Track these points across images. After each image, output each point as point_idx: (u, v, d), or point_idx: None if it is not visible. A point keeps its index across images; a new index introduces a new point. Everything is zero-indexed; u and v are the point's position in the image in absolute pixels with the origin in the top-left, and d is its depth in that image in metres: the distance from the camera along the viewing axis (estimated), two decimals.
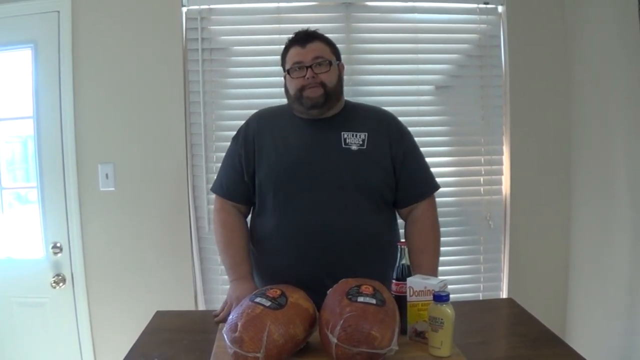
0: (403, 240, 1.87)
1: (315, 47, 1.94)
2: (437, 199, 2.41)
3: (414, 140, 2.08)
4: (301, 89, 1.91)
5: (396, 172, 1.98)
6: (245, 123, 2.09)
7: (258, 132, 2.01)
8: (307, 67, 1.90)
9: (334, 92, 1.95)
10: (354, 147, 1.93)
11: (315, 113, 1.95)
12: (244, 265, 1.98)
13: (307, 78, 1.90)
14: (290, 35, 2.01)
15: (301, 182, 1.91)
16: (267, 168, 1.96)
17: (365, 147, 1.94)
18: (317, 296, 1.58)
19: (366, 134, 1.95)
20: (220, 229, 2.06)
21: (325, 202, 1.89)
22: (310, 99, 1.91)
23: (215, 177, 2.48)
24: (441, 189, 2.13)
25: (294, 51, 1.95)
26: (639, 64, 2.23)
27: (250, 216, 2.09)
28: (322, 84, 1.90)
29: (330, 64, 1.94)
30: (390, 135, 2.00)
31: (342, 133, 1.95)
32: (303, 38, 1.96)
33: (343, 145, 1.93)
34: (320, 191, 1.89)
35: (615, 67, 2.46)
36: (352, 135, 1.94)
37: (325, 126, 1.97)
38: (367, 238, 1.90)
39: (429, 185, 2.07)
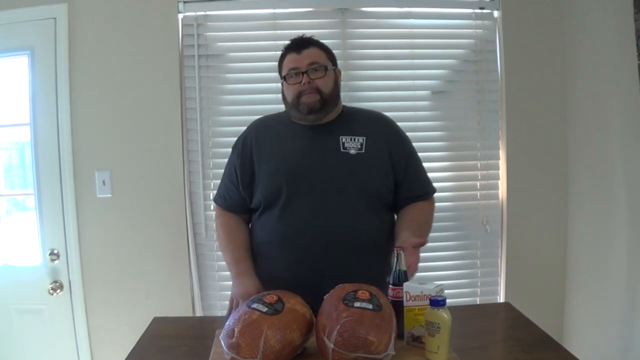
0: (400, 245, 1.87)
1: (310, 53, 1.94)
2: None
3: (412, 144, 2.09)
4: (298, 96, 1.92)
5: (398, 175, 1.99)
6: (244, 132, 2.10)
7: (256, 140, 2.02)
8: (302, 73, 1.91)
9: (330, 98, 1.95)
10: (352, 151, 1.93)
11: (312, 119, 1.95)
12: (244, 261, 1.98)
13: (303, 84, 1.90)
14: (287, 42, 2.01)
15: (300, 186, 1.91)
16: (266, 174, 1.96)
17: (363, 151, 1.94)
18: (316, 300, 1.58)
19: (364, 138, 1.95)
20: (220, 231, 2.09)
21: (324, 206, 1.88)
22: (307, 105, 1.91)
23: (212, 184, 2.47)
24: (438, 194, 2.12)
25: (289, 58, 1.96)
26: (634, 68, 2.24)
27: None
28: (318, 90, 1.91)
29: (326, 69, 1.94)
30: (388, 139, 2.00)
31: (341, 137, 1.95)
32: (298, 44, 1.97)
33: (342, 150, 1.93)
34: (319, 195, 1.89)
35: (611, 72, 2.47)
36: (351, 140, 1.95)
37: (323, 131, 1.97)
38: (366, 241, 1.89)
39: (430, 187, 2.09)
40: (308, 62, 1.92)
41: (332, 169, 1.92)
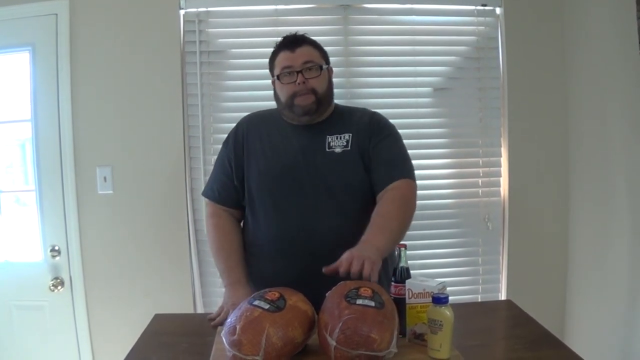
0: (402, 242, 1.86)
1: (304, 52, 1.91)
2: (436, 201, 2.37)
3: (395, 132, 1.99)
4: (292, 96, 1.89)
5: (372, 162, 1.90)
6: (234, 127, 2.08)
7: (247, 137, 2.00)
8: (297, 72, 1.88)
9: (325, 98, 1.93)
10: (338, 150, 1.91)
11: (307, 120, 1.93)
12: (237, 269, 1.94)
13: (298, 83, 1.87)
14: (279, 39, 1.98)
15: (288, 187, 1.89)
16: (255, 174, 1.94)
17: (349, 148, 1.91)
18: (311, 300, 1.57)
19: (350, 134, 1.93)
20: (212, 233, 2.04)
21: (312, 206, 1.87)
22: (302, 107, 1.89)
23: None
24: (439, 191, 2.11)
25: (283, 56, 1.92)
26: (637, 65, 2.23)
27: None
28: (313, 91, 1.88)
29: (321, 68, 1.91)
30: (368, 130, 1.94)
31: (327, 137, 1.93)
32: (292, 42, 1.93)
33: (327, 149, 1.91)
34: (307, 196, 1.87)
35: (613, 69, 2.46)
36: (337, 138, 1.92)
37: (311, 131, 1.94)
38: (355, 240, 1.80)
39: (396, 170, 1.91)
40: (302, 60, 1.89)
41: (318, 169, 1.89)
